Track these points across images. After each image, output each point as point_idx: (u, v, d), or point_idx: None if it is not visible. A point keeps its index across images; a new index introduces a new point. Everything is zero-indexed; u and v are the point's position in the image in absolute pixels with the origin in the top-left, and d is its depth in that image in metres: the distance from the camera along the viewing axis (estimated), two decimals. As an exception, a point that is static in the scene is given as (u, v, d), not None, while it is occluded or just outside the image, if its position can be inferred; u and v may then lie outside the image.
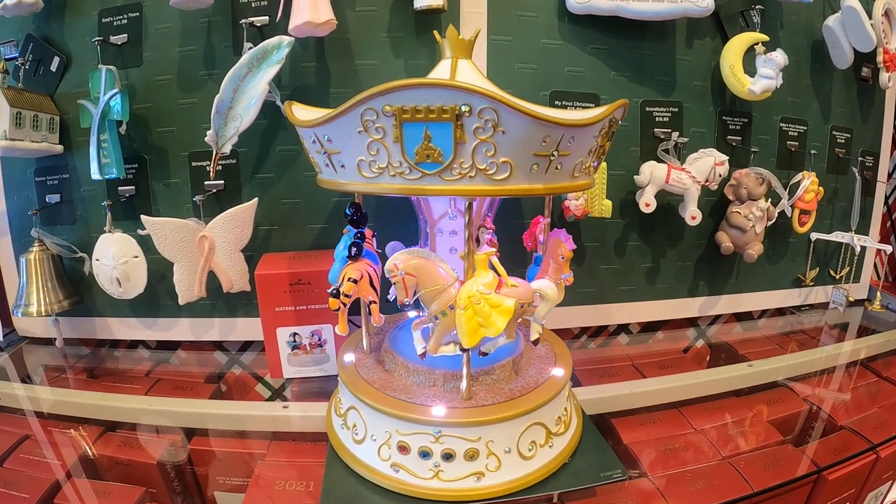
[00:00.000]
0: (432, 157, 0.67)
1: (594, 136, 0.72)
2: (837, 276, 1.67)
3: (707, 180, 1.29)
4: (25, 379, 1.25)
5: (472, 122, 0.64)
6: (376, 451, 0.85)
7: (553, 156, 0.68)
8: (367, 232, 0.96)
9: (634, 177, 1.31)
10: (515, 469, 0.83)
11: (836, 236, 1.57)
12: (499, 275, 0.81)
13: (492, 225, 0.98)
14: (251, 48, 1.08)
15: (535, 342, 0.90)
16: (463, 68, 0.82)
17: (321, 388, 1.18)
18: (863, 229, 1.64)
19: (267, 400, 1.22)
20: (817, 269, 1.64)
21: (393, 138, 0.67)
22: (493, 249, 0.82)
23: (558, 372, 0.93)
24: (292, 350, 1.18)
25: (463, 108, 0.63)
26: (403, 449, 0.82)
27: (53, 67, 1.23)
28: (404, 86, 0.63)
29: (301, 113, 0.85)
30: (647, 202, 1.29)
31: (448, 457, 0.81)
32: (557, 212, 1.32)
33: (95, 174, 1.15)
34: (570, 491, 0.85)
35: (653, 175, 1.28)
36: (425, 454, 0.81)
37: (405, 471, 0.83)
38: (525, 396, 0.86)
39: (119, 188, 1.25)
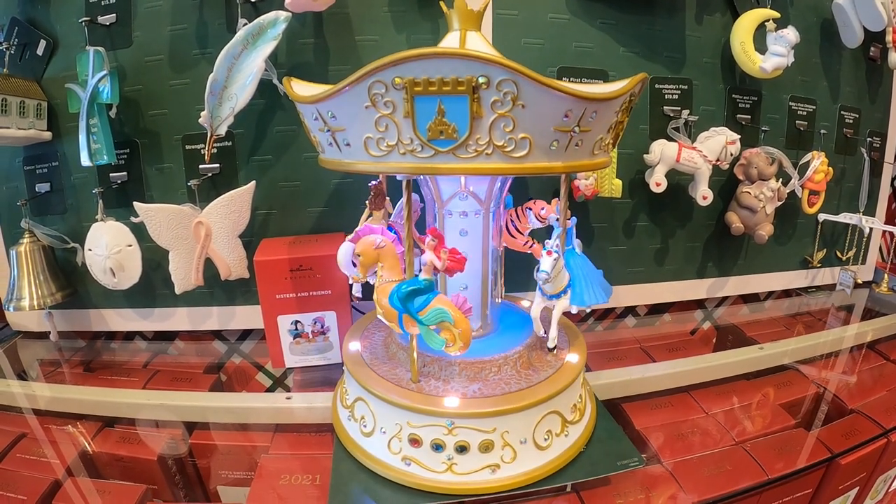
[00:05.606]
0: (446, 133, 0.63)
1: (615, 112, 0.68)
2: (844, 258, 1.65)
3: (718, 159, 1.27)
4: (21, 375, 1.22)
5: (490, 96, 0.60)
6: (386, 444, 0.82)
7: (574, 132, 0.64)
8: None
9: (644, 156, 1.28)
10: (531, 460, 0.81)
11: (844, 217, 1.55)
12: None
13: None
14: (246, 24, 1.05)
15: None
16: (473, 41, 0.77)
17: (325, 377, 1.15)
18: (869, 210, 1.63)
19: (268, 389, 1.20)
20: (824, 250, 1.62)
21: (403, 113, 0.63)
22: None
23: (573, 358, 0.90)
24: (294, 338, 1.15)
25: (480, 80, 0.59)
26: (415, 442, 0.79)
27: (40, 51, 1.19)
28: (416, 56, 0.58)
29: (302, 89, 0.81)
30: (657, 182, 1.26)
31: (462, 449, 0.78)
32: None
33: (85, 161, 1.11)
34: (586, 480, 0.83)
35: (663, 154, 1.26)
36: (438, 447, 0.78)
37: (417, 464, 0.80)
38: (541, 384, 0.83)
39: (110, 175, 1.21)
